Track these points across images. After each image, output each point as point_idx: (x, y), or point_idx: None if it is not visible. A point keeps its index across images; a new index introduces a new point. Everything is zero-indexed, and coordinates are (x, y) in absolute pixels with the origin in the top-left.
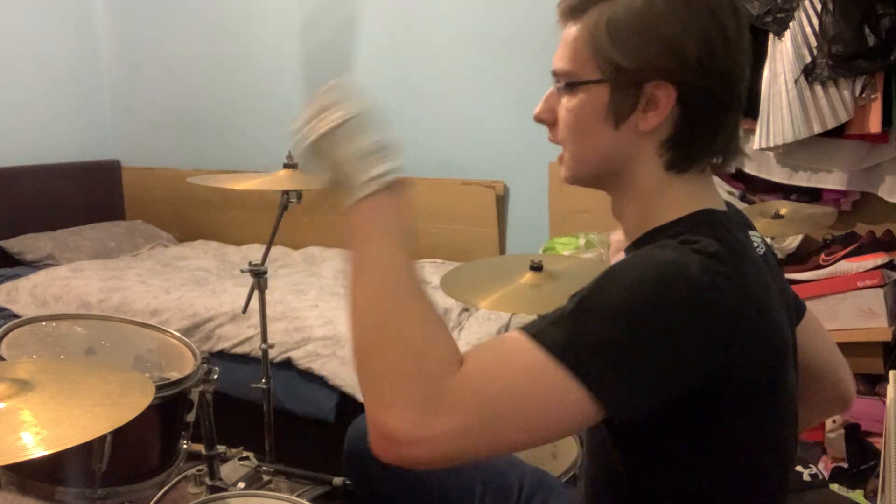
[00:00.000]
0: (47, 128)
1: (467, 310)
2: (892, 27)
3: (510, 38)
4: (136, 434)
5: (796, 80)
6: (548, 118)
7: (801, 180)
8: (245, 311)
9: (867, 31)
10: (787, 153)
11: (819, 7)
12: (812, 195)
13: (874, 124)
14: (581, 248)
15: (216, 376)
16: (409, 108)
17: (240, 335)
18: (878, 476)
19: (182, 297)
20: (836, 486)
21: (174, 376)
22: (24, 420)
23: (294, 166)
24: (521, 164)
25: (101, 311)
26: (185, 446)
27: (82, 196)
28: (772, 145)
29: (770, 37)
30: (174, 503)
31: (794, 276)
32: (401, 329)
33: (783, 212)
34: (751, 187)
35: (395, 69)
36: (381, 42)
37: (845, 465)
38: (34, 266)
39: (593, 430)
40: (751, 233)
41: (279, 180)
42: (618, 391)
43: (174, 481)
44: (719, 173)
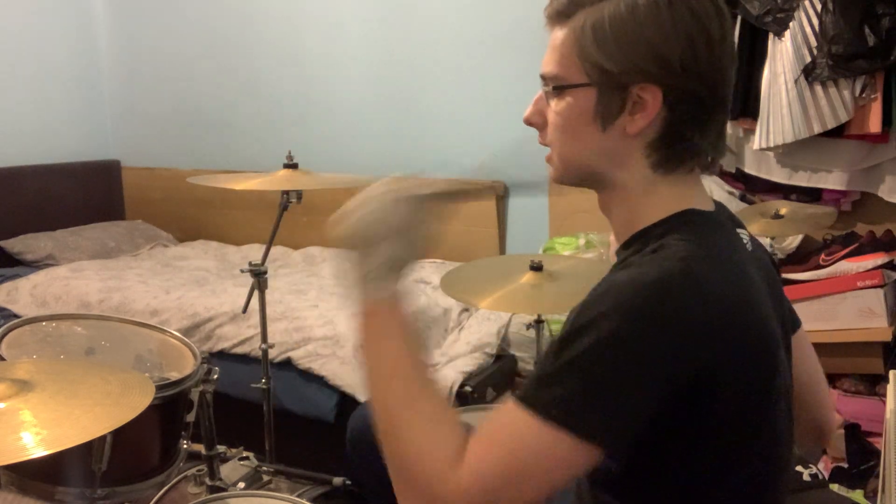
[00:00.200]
0: (47, 128)
1: (467, 310)
2: (892, 27)
3: (510, 38)
4: (136, 434)
5: (796, 80)
6: (537, 121)
7: (801, 180)
8: (245, 311)
9: (867, 31)
10: (787, 153)
11: (819, 7)
12: (812, 195)
13: (874, 124)
14: (581, 248)
15: (216, 376)
16: (409, 108)
17: (240, 335)
18: (878, 476)
19: (182, 297)
20: (836, 486)
21: (174, 376)
22: (24, 420)
23: (294, 166)
24: (521, 164)
25: (101, 311)
26: (185, 446)
27: (82, 196)
28: (772, 145)
29: (770, 37)
30: (174, 503)
31: (795, 276)
32: (403, 434)
33: (783, 212)
34: (751, 187)
35: (396, 69)
36: (382, 42)
37: (845, 465)
38: (34, 266)
39: None
40: (739, 231)
41: (279, 180)
42: (608, 430)
43: (174, 481)
44: (720, 173)
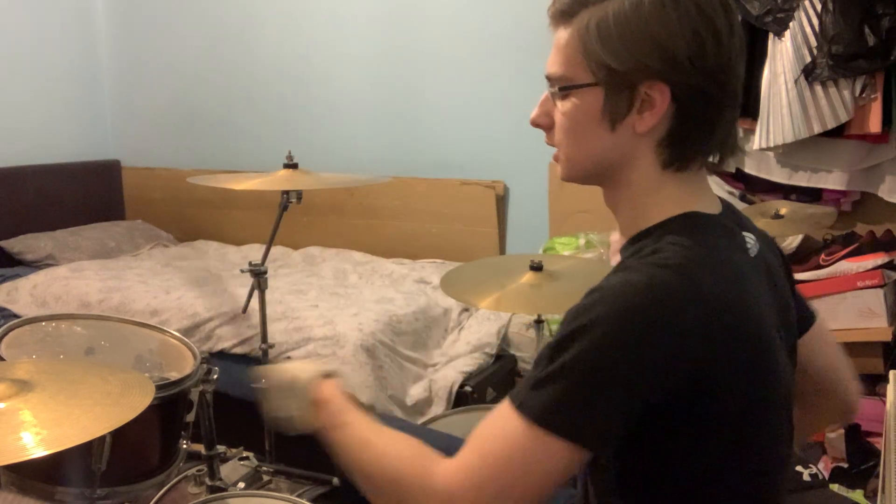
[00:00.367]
0: (47, 128)
1: (467, 310)
2: (892, 27)
3: (510, 39)
4: (136, 434)
5: (796, 80)
6: (544, 122)
7: (801, 180)
8: (245, 311)
9: (867, 31)
10: (787, 153)
11: (819, 7)
12: (812, 195)
13: (874, 124)
14: (581, 248)
15: (216, 376)
16: (409, 108)
17: (240, 335)
18: (878, 476)
19: (182, 297)
20: (836, 486)
21: (174, 376)
22: (24, 420)
23: (294, 166)
24: (521, 164)
25: (101, 311)
26: (185, 446)
27: (82, 196)
28: (772, 145)
29: (770, 37)
30: (174, 503)
31: (795, 276)
32: (377, 470)
33: (783, 212)
34: (751, 187)
35: (396, 69)
36: (382, 42)
37: (845, 465)
38: (34, 266)
39: None
40: (745, 234)
41: (279, 180)
42: (598, 435)
43: (174, 481)
44: (719, 173)
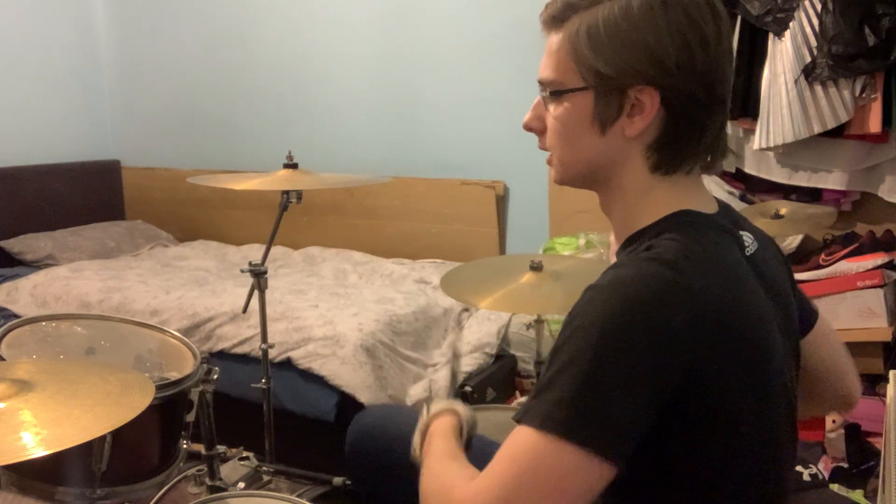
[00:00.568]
0: (47, 128)
1: (467, 310)
2: (892, 27)
3: (510, 39)
4: (136, 434)
5: (796, 80)
6: (536, 126)
7: (801, 180)
8: (245, 311)
9: (867, 31)
10: (787, 153)
11: (819, 7)
12: (812, 195)
13: (874, 124)
14: (581, 248)
15: (216, 376)
16: (409, 108)
17: (240, 335)
18: (878, 476)
19: (182, 297)
20: (836, 486)
21: (174, 376)
22: (24, 420)
23: (294, 166)
24: (521, 164)
25: (101, 311)
26: (185, 446)
27: (82, 196)
28: (772, 145)
29: (770, 37)
30: (174, 503)
31: (795, 276)
32: (422, 492)
33: (783, 212)
34: (751, 187)
35: (395, 70)
36: (382, 42)
37: (845, 465)
38: (34, 266)
39: None
40: (743, 233)
41: (279, 180)
42: (602, 437)
43: (174, 481)
44: (719, 173)
